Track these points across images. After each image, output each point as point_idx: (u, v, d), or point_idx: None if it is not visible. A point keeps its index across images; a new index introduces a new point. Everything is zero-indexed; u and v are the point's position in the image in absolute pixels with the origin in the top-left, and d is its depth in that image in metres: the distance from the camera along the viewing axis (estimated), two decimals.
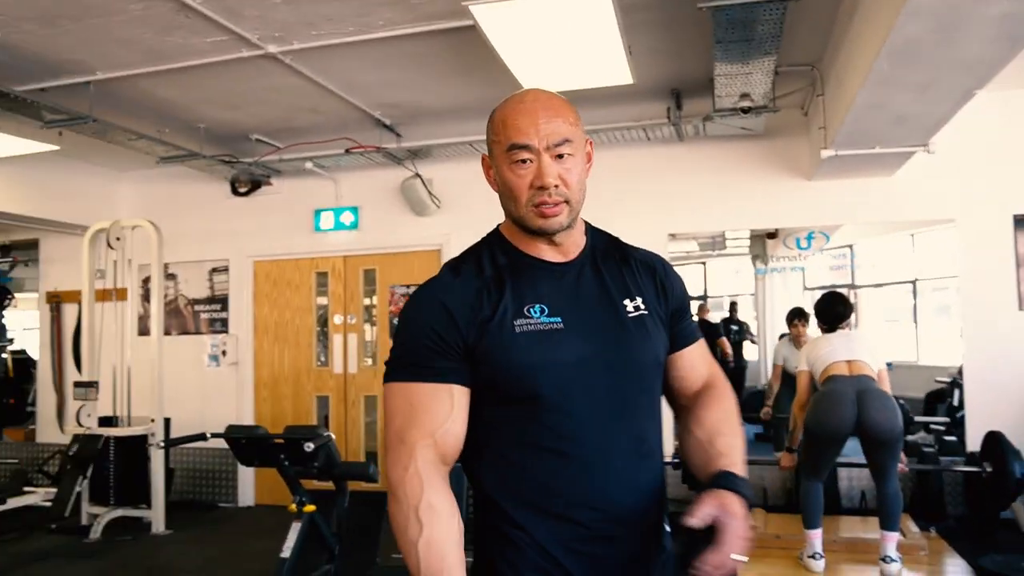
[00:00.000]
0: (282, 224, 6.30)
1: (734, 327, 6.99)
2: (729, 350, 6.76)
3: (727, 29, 3.45)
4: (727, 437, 1.37)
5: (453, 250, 5.90)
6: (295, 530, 3.72)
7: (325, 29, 3.84)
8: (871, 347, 4.15)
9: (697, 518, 1.18)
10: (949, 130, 4.44)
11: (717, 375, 1.51)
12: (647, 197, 5.54)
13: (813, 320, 4.65)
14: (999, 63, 3.10)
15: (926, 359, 8.55)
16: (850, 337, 4.21)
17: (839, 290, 9.70)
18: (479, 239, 1.44)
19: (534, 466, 1.30)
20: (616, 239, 1.50)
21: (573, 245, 1.39)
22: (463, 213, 5.75)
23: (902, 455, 4.05)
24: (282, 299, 6.34)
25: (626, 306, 1.38)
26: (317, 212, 6.18)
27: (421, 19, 3.74)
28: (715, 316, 7.14)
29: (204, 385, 6.38)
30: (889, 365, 8.05)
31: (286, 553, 3.64)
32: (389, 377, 1.33)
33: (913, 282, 8.82)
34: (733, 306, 7.19)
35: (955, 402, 6.10)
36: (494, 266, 1.36)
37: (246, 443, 3.70)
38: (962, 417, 5.77)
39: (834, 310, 4.27)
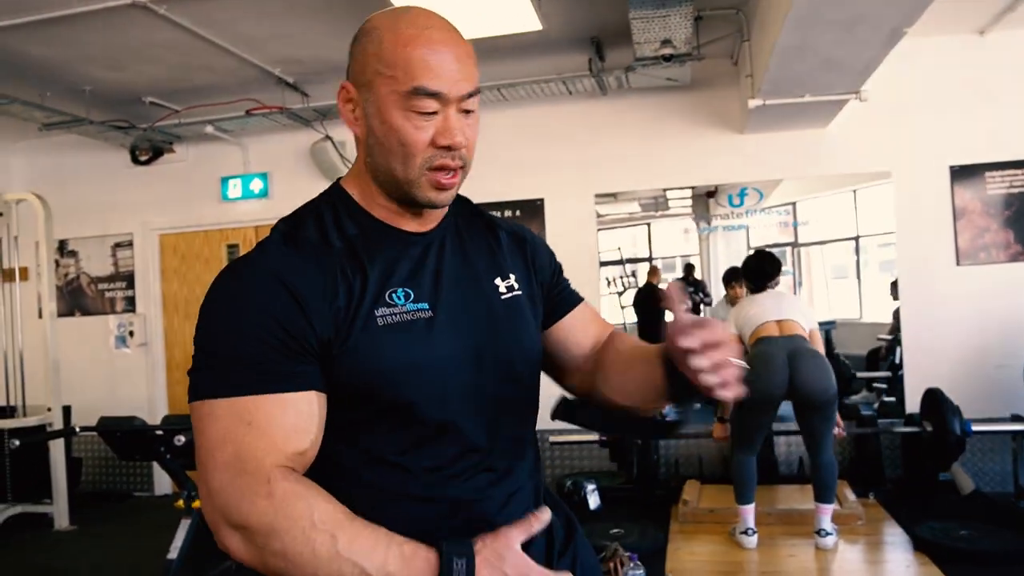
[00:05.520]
0: (188, 194, 5.86)
1: (690, 289, 6.68)
2: None
3: None
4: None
5: None
6: (184, 528, 3.41)
7: None
8: (802, 306, 3.98)
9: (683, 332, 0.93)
10: (883, 79, 4.20)
11: (617, 330, 1.28)
12: (570, 155, 5.18)
13: None
14: None
15: (869, 316, 8.46)
16: (780, 296, 4.01)
17: (774, 249, 9.55)
18: (315, 197, 1.14)
19: (400, 504, 1.02)
20: (477, 206, 1.22)
21: (438, 212, 1.12)
22: None
23: (838, 419, 3.85)
24: (192, 274, 5.92)
25: (498, 286, 1.13)
26: (224, 180, 5.75)
27: None
28: (669, 278, 6.84)
29: (112, 369, 5.95)
30: (833, 323, 7.92)
31: (173, 554, 3.34)
32: (202, 391, 0.96)
33: (856, 239, 8.70)
34: (689, 268, 6.90)
35: (896, 360, 5.97)
36: (343, 236, 1.06)
37: (121, 436, 3.36)
38: (902, 375, 5.64)
39: (761, 269, 4.05)
